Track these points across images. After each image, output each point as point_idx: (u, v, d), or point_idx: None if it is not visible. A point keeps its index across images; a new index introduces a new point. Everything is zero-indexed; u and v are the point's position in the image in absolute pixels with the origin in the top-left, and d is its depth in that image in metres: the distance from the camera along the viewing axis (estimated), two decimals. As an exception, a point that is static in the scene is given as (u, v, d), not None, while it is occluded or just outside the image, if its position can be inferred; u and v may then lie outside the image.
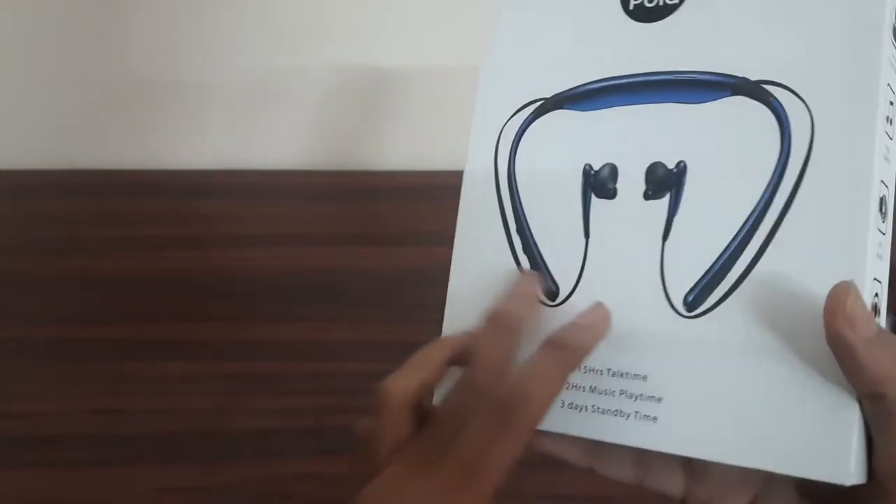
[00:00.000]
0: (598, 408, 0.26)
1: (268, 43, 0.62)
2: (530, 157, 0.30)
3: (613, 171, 0.27)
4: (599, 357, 0.26)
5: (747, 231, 0.24)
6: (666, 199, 0.26)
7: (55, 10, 0.60)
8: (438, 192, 0.65)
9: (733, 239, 0.25)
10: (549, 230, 0.29)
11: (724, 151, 0.25)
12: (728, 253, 0.25)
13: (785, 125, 0.24)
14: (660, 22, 0.27)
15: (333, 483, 0.49)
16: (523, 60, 0.30)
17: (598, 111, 0.28)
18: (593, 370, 0.26)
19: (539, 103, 0.29)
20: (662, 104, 0.27)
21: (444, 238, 0.61)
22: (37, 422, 0.49)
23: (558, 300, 0.28)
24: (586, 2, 0.29)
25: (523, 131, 0.30)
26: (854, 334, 0.21)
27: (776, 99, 0.25)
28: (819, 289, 0.22)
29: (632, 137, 0.27)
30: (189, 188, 0.64)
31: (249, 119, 0.66)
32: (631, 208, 0.27)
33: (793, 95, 0.25)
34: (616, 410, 0.26)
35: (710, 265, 0.25)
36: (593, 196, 0.28)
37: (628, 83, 0.27)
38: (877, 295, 0.23)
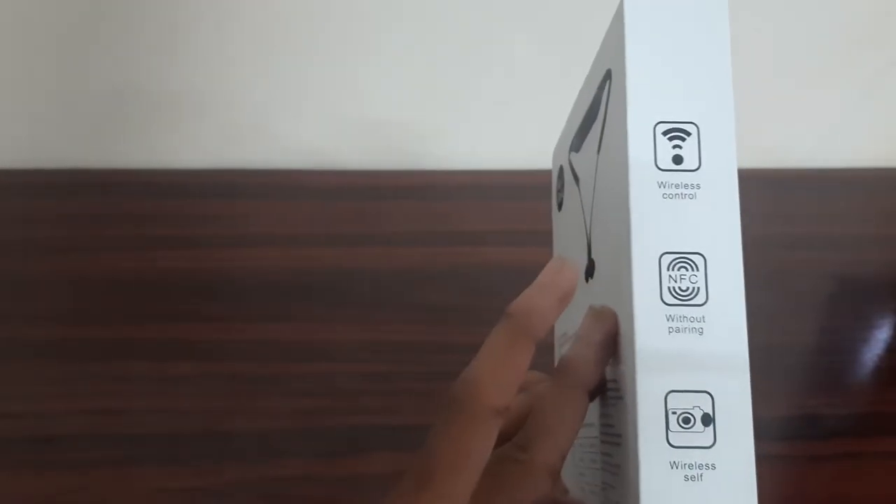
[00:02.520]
0: None
1: (269, 43, 0.62)
2: None
3: None
4: None
5: None
6: None
7: (55, 10, 0.59)
8: (439, 193, 0.66)
9: None
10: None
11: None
12: None
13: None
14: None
15: (334, 484, 0.49)
16: None
17: None
18: None
19: None
20: None
21: (444, 238, 0.61)
22: (36, 422, 0.48)
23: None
24: None
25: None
26: None
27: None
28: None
29: None
30: (189, 188, 0.64)
31: (249, 118, 0.66)
32: None
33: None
34: None
35: None
36: None
37: None
38: None
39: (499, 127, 0.66)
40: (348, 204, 0.64)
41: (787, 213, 0.65)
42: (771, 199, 0.66)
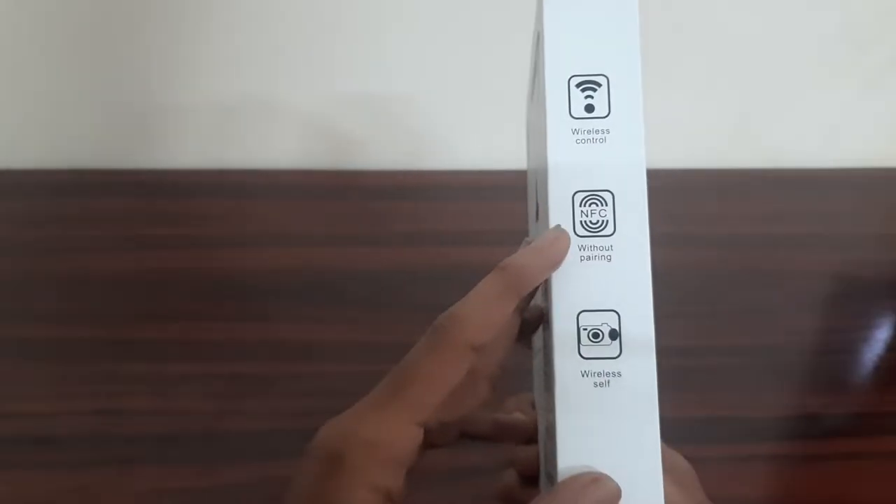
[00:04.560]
0: None
1: (269, 43, 0.62)
2: None
3: None
4: None
5: None
6: None
7: (55, 10, 0.60)
8: (439, 192, 0.66)
9: None
10: None
11: None
12: None
13: None
14: None
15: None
16: None
17: None
18: None
19: None
20: None
21: (445, 238, 0.61)
22: (34, 422, 0.48)
23: None
24: None
25: None
26: None
27: None
28: None
29: None
30: (189, 188, 0.64)
31: (250, 118, 0.66)
32: None
33: None
34: None
35: None
36: None
37: None
38: None
39: (499, 127, 0.66)
40: (348, 204, 0.64)
41: (787, 213, 0.65)
42: (771, 199, 0.66)
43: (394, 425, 0.23)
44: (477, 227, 0.62)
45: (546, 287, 0.25)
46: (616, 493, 0.23)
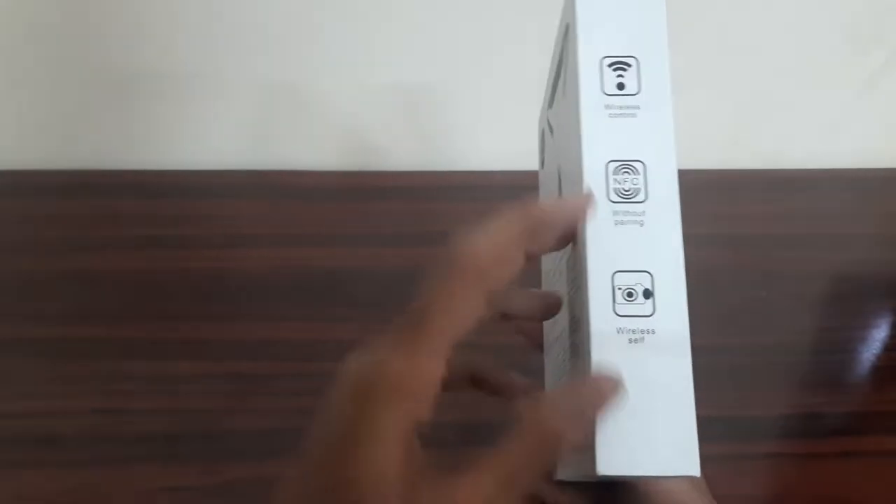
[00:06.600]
0: None
1: (273, 44, 0.62)
2: None
3: None
4: None
5: None
6: None
7: (55, 8, 0.60)
8: (439, 193, 0.66)
9: None
10: None
11: None
12: None
13: None
14: None
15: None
16: None
17: None
18: None
19: None
20: None
21: (444, 238, 0.61)
22: (36, 421, 0.49)
23: None
24: None
25: None
26: None
27: None
28: None
29: None
30: (189, 188, 0.64)
31: (251, 119, 0.66)
32: None
33: None
34: None
35: None
36: None
37: None
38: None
39: (499, 127, 0.66)
40: (348, 204, 0.64)
41: (787, 213, 0.65)
42: (771, 199, 0.66)
43: (421, 359, 0.24)
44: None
45: (581, 250, 0.26)
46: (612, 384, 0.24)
